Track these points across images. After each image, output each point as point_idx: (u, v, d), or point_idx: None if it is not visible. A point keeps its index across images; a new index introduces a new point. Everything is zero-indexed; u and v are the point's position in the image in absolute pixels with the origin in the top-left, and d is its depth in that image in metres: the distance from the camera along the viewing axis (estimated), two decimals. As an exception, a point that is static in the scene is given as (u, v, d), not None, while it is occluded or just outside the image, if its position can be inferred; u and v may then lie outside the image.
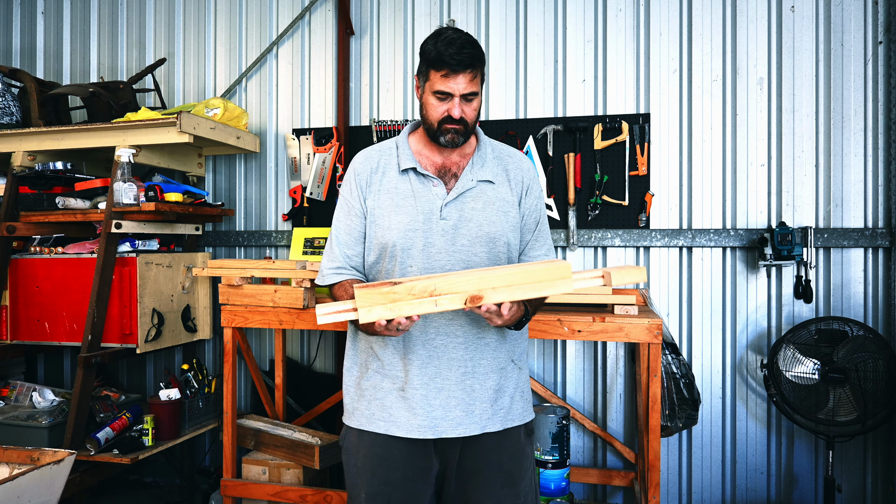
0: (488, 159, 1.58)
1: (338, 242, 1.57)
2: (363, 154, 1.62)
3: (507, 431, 1.55)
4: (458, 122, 1.48)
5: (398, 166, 1.55)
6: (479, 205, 1.53)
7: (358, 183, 1.57)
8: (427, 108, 1.51)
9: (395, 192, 1.53)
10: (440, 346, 1.49)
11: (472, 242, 1.50)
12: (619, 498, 2.90)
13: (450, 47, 1.42)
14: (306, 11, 3.21)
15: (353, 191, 1.57)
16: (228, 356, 2.60)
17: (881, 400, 2.31)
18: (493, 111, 3.00)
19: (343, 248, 1.57)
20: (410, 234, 1.49)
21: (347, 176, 1.60)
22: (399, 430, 1.49)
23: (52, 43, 3.61)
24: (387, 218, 1.51)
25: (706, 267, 2.79)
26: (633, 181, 2.82)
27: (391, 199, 1.53)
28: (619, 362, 2.87)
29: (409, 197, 1.52)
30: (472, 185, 1.54)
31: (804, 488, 2.69)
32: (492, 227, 1.52)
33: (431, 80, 1.47)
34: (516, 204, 1.58)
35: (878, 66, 2.63)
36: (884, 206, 2.62)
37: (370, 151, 1.62)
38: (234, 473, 2.65)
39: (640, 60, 2.86)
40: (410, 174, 1.54)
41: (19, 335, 2.87)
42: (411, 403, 1.48)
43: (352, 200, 1.57)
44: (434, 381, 1.49)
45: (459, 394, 1.49)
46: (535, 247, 1.61)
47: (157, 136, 2.67)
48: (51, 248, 2.83)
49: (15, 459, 2.07)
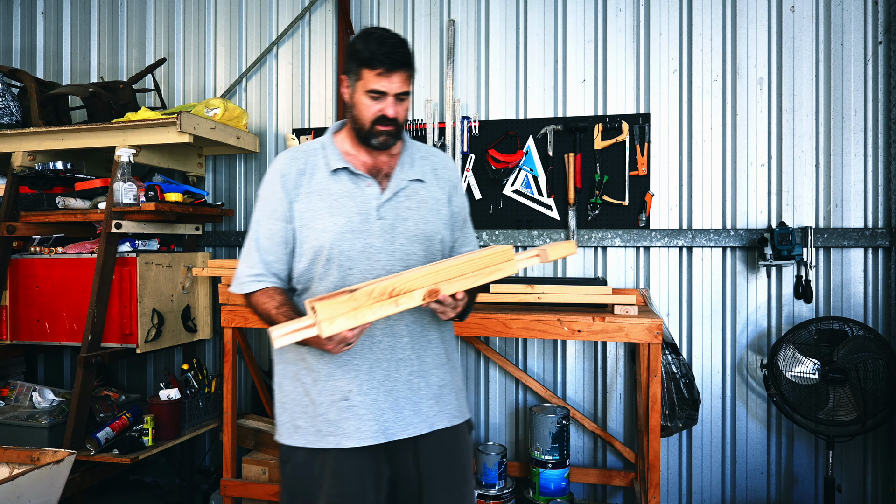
0: (416, 159, 1.58)
1: (257, 248, 1.49)
2: (288, 154, 1.53)
3: (455, 428, 1.56)
4: (391, 124, 1.46)
5: (327, 167, 1.49)
6: (413, 203, 1.52)
7: (284, 185, 1.48)
8: (359, 108, 1.46)
9: (328, 193, 1.47)
10: (388, 348, 1.47)
11: (410, 241, 1.49)
12: (619, 498, 2.90)
13: (383, 46, 1.41)
14: (306, 11, 3.22)
15: (276, 193, 1.48)
16: (228, 356, 2.60)
17: (881, 400, 2.31)
18: (493, 111, 3.00)
19: (263, 253, 1.48)
20: (348, 235, 1.44)
21: (270, 178, 1.51)
22: (350, 440, 1.43)
23: (52, 43, 3.61)
24: (321, 220, 1.45)
25: (706, 267, 2.79)
26: (633, 181, 2.82)
27: (323, 201, 1.47)
28: (619, 362, 2.87)
29: (344, 197, 1.47)
30: (406, 185, 1.52)
31: (804, 488, 2.70)
32: (427, 225, 1.52)
33: (365, 78, 1.43)
34: (446, 202, 1.58)
35: (878, 66, 2.63)
36: (884, 206, 2.62)
37: (295, 152, 1.54)
38: (234, 473, 2.65)
39: (640, 60, 2.86)
40: (342, 174, 1.49)
41: (19, 335, 2.87)
42: (359, 411, 1.44)
43: (274, 204, 1.48)
44: (384, 384, 1.46)
45: (408, 393, 1.48)
46: (464, 242, 1.64)
47: (157, 136, 2.67)
48: (51, 248, 2.83)
49: (15, 459, 2.07)
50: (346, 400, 1.44)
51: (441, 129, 3.00)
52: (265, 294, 1.47)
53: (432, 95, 3.07)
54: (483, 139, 2.97)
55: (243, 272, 1.50)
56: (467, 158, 2.97)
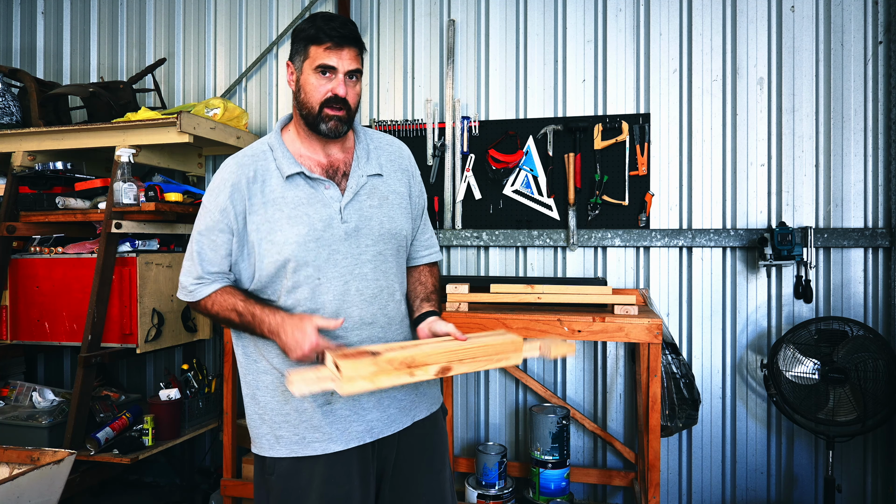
0: (371, 150, 1.51)
1: (200, 260, 1.41)
2: (234, 162, 1.42)
3: (432, 416, 1.57)
4: (342, 106, 1.38)
5: (280, 172, 1.39)
6: (374, 202, 1.46)
7: (231, 197, 1.37)
8: (307, 90, 1.38)
9: (284, 201, 1.38)
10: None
11: (377, 241, 1.45)
12: (619, 498, 2.90)
13: (331, 22, 1.36)
14: (306, 11, 3.21)
15: (222, 204, 1.38)
16: (228, 356, 2.60)
17: (881, 400, 2.31)
18: (493, 111, 3.00)
19: (206, 265, 1.41)
20: (312, 245, 1.37)
21: (216, 187, 1.40)
22: (336, 444, 1.40)
23: (52, 43, 3.61)
24: (281, 233, 1.36)
25: (706, 267, 2.79)
26: (633, 181, 2.82)
27: (281, 211, 1.37)
28: (619, 362, 2.87)
29: (303, 205, 1.38)
30: (365, 181, 1.46)
31: (804, 488, 2.70)
32: (392, 223, 1.48)
33: (312, 56, 1.36)
34: (407, 195, 1.55)
35: (878, 66, 2.63)
36: (884, 206, 2.62)
37: (241, 158, 1.42)
38: (234, 473, 2.65)
39: (640, 60, 2.86)
40: (297, 179, 1.40)
41: (19, 335, 2.87)
42: (343, 413, 1.40)
43: (218, 215, 1.38)
44: None
45: (390, 391, 1.44)
46: (423, 230, 1.63)
47: (157, 136, 2.67)
48: (51, 248, 2.83)
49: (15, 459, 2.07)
50: (328, 404, 1.40)
51: (441, 128, 3.00)
52: (221, 294, 1.41)
53: (432, 95, 3.07)
54: (483, 139, 2.97)
55: (187, 280, 1.44)
56: (467, 158, 2.97)
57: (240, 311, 1.39)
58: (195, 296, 1.43)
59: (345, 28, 1.37)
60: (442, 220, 3.01)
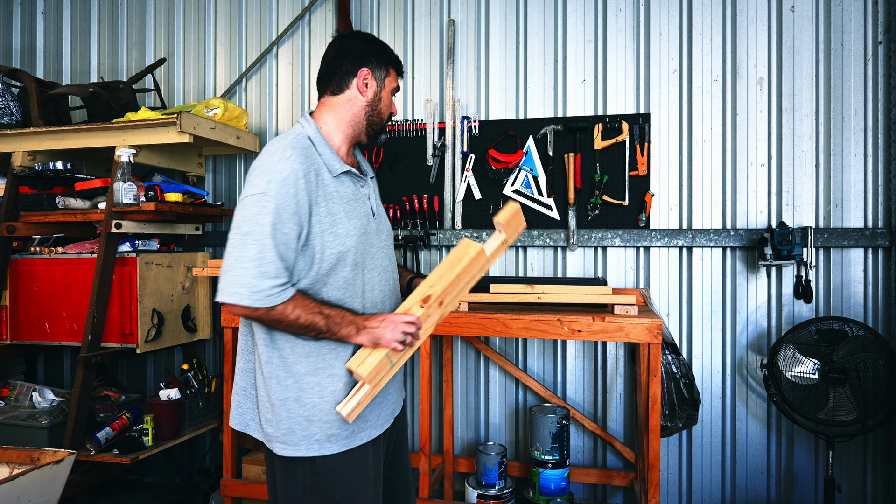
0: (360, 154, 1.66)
1: (278, 255, 1.33)
2: (294, 152, 1.39)
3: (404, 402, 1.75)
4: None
5: (329, 168, 1.45)
6: (379, 200, 1.65)
7: (306, 187, 1.37)
8: (384, 104, 1.56)
9: (338, 195, 1.44)
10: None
11: (388, 235, 1.63)
12: (619, 498, 2.90)
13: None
14: (306, 11, 3.22)
15: (297, 195, 1.35)
16: (228, 356, 2.60)
17: (881, 400, 2.31)
18: (493, 111, 3.00)
19: (286, 261, 1.35)
20: (364, 238, 1.48)
21: (285, 177, 1.35)
22: (377, 430, 1.52)
23: (52, 43, 3.61)
24: (342, 226, 1.43)
25: (706, 267, 2.79)
26: (633, 181, 2.82)
27: (338, 204, 1.43)
28: (619, 362, 2.87)
29: (352, 201, 1.48)
30: (373, 182, 1.64)
31: (804, 488, 2.70)
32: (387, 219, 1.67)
33: (392, 77, 1.56)
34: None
35: (878, 66, 2.64)
36: (884, 206, 2.62)
37: (298, 149, 1.41)
38: (234, 473, 2.65)
39: (640, 60, 2.86)
40: (344, 177, 1.48)
41: (19, 335, 2.87)
42: (377, 400, 1.52)
43: (293, 206, 1.35)
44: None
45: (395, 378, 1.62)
46: None
47: (157, 136, 2.67)
48: (51, 248, 2.83)
49: (15, 459, 2.07)
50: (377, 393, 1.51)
51: (441, 129, 3.00)
52: (301, 296, 1.38)
53: (432, 95, 3.07)
54: (483, 139, 2.97)
55: (262, 283, 1.31)
56: (467, 158, 2.97)
57: (327, 313, 1.39)
58: (275, 300, 1.33)
59: None
60: (442, 220, 3.01)
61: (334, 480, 1.45)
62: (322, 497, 1.44)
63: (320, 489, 1.44)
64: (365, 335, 1.42)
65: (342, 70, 1.52)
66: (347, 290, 1.45)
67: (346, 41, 1.55)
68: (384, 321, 1.43)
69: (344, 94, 1.52)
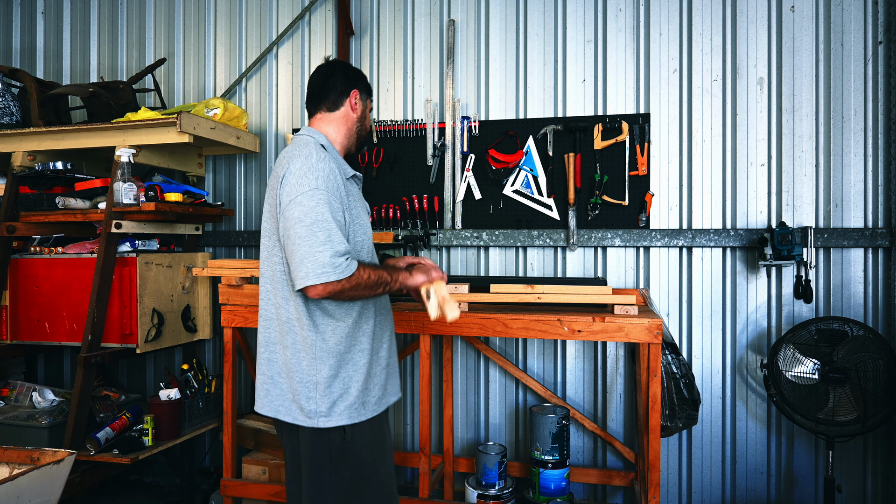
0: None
1: (342, 234, 1.57)
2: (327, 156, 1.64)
3: None
4: None
5: (342, 171, 1.70)
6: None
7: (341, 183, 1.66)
8: (367, 121, 1.85)
9: (352, 194, 1.71)
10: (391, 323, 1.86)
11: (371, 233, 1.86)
12: (619, 498, 2.90)
13: None
14: (306, 11, 3.22)
15: (339, 188, 1.62)
16: (228, 356, 2.60)
17: (881, 400, 2.31)
18: (493, 111, 3.00)
19: (343, 239, 1.58)
20: (370, 232, 1.78)
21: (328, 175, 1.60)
22: (393, 396, 1.79)
23: (52, 43, 3.61)
24: (363, 218, 1.73)
25: (706, 267, 2.79)
26: (633, 181, 2.82)
27: (357, 203, 1.73)
28: (619, 362, 2.87)
29: (360, 200, 1.78)
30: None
31: (804, 488, 2.70)
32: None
33: (369, 99, 1.86)
34: None
35: (878, 66, 2.63)
36: (884, 206, 2.62)
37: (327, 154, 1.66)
38: (234, 473, 2.65)
39: (640, 60, 2.86)
40: (352, 180, 1.77)
41: (19, 335, 2.87)
42: (392, 370, 1.80)
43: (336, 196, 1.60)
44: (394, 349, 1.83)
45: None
46: None
47: (157, 136, 2.67)
48: (51, 248, 2.83)
49: (15, 459, 2.07)
50: (388, 366, 1.77)
51: (441, 129, 3.00)
52: (362, 267, 1.60)
53: (432, 95, 3.07)
54: (483, 139, 2.97)
55: (335, 260, 1.53)
56: (467, 158, 2.97)
57: (384, 270, 1.66)
58: (352, 268, 1.56)
59: None
60: (442, 220, 3.01)
61: (360, 447, 1.64)
62: (351, 463, 1.63)
63: (348, 456, 1.63)
64: (419, 275, 1.72)
65: (337, 90, 1.76)
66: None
67: (336, 66, 1.81)
68: (421, 265, 1.77)
69: (339, 111, 1.77)
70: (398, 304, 2.57)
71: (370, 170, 3.08)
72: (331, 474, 1.61)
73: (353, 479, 1.63)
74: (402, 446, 3.10)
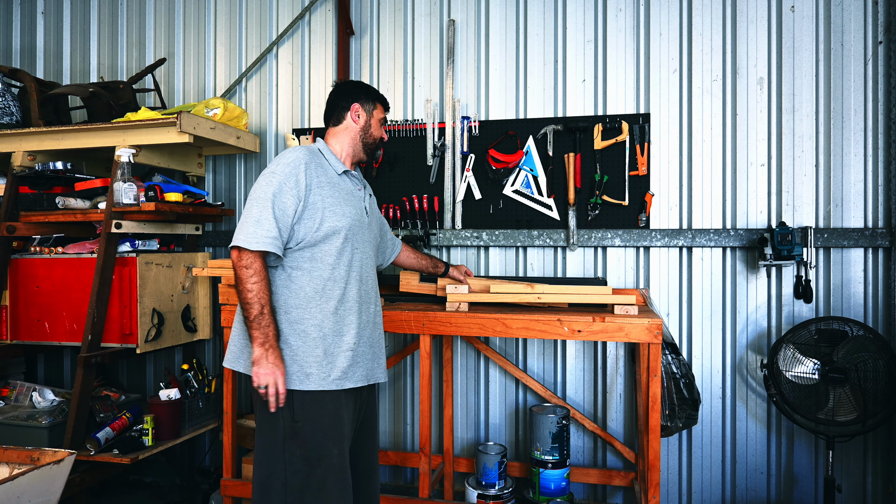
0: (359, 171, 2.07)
1: (275, 217, 1.72)
2: (305, 150, 1.85)
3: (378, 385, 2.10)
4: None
5: (333, 168, 1.88)
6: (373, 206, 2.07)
7: (307, 172, 1.78)
8: (374, 130, 1.99)
9: (340, 188, 1.86)
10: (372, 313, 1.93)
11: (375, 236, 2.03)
12: (619, 498, 2.90)
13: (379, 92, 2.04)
14: (306, 11, 3.22)
15: (297, 176, 1.76)
16: (228, 356, 2.60)
17: (881, 400, 2.31)
18: (493, 111, 3.00)
19: (279, 222, 1.73)
20: (357, 223, 1.87)
21: (293, 161, 1.78)
22: (350, 382, 1.81)
23: (52, 43, 3.61)
24: (341, 207, 1.83)
25: (706, 267, 2.79)
26: (633, 181, 2.82)
27: (338, 193, 1.84)
28: (619, 362, 2.87)
29: (351, 195, 1.90)
30: (370, 192, 2.06)
31: (804, 488, 2.70)
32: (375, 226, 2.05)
33: (379, 110, 2.01)
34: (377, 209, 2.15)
35: (878, 66, 2.64)
36: (884, 206, 2.62)
37: (304, 149, 1.85)
38: (234, 473, 2.65)
39: (640, 60, 2.86)
40: (345, 177, 1.91)
41: (19, 335, 2.87)
42: (357, 359, 1.84)
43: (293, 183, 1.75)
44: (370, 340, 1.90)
45: (378, 350, 1.94)
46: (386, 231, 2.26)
47: (157, 136, 2.67)
48: (51, 248, 2.83)
49: (15, 459, 2.07)
50: (352, 350, 1.82)
51: (441, 128, 3.00)
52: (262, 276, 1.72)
53: (432, 95, 3.07)
54: (483, 139, 2.97)
55: (258, 232, 1.70)
56: (467, 158, 2.97)
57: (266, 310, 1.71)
58: (257, 245, 1.69)
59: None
60: (442, 220, 3.01)
61: (309, 413, 1.74)
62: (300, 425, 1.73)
63: (299, 417, 1.73)
64: (256, 344, 1.72)
65: (339, 107, 1.96)
66: (339, 257, 1.81)
67: (341, 86, 2.00)
68: (261, 357, 1.73)
69: (342, 124, 1.96)
70: (398, 304, 2.57)
71: (370, 170, 3.08)
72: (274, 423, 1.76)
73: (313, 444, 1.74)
74: (402, 446, 3.10)
